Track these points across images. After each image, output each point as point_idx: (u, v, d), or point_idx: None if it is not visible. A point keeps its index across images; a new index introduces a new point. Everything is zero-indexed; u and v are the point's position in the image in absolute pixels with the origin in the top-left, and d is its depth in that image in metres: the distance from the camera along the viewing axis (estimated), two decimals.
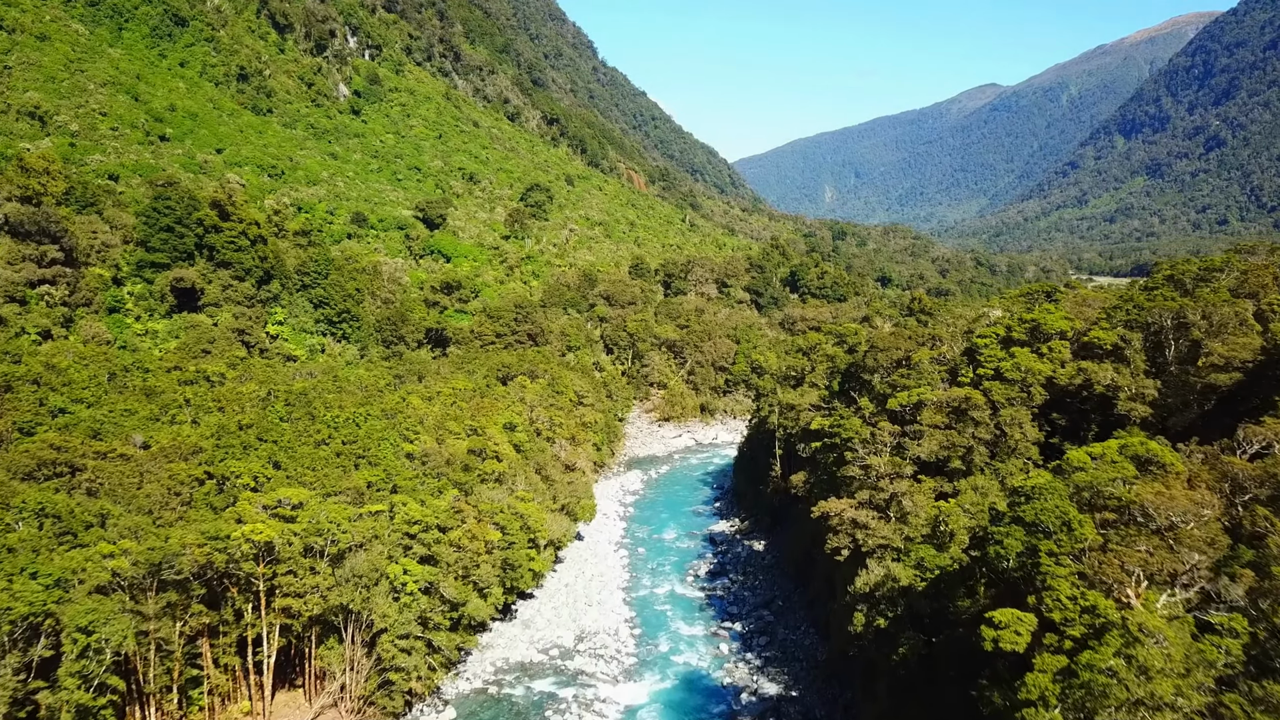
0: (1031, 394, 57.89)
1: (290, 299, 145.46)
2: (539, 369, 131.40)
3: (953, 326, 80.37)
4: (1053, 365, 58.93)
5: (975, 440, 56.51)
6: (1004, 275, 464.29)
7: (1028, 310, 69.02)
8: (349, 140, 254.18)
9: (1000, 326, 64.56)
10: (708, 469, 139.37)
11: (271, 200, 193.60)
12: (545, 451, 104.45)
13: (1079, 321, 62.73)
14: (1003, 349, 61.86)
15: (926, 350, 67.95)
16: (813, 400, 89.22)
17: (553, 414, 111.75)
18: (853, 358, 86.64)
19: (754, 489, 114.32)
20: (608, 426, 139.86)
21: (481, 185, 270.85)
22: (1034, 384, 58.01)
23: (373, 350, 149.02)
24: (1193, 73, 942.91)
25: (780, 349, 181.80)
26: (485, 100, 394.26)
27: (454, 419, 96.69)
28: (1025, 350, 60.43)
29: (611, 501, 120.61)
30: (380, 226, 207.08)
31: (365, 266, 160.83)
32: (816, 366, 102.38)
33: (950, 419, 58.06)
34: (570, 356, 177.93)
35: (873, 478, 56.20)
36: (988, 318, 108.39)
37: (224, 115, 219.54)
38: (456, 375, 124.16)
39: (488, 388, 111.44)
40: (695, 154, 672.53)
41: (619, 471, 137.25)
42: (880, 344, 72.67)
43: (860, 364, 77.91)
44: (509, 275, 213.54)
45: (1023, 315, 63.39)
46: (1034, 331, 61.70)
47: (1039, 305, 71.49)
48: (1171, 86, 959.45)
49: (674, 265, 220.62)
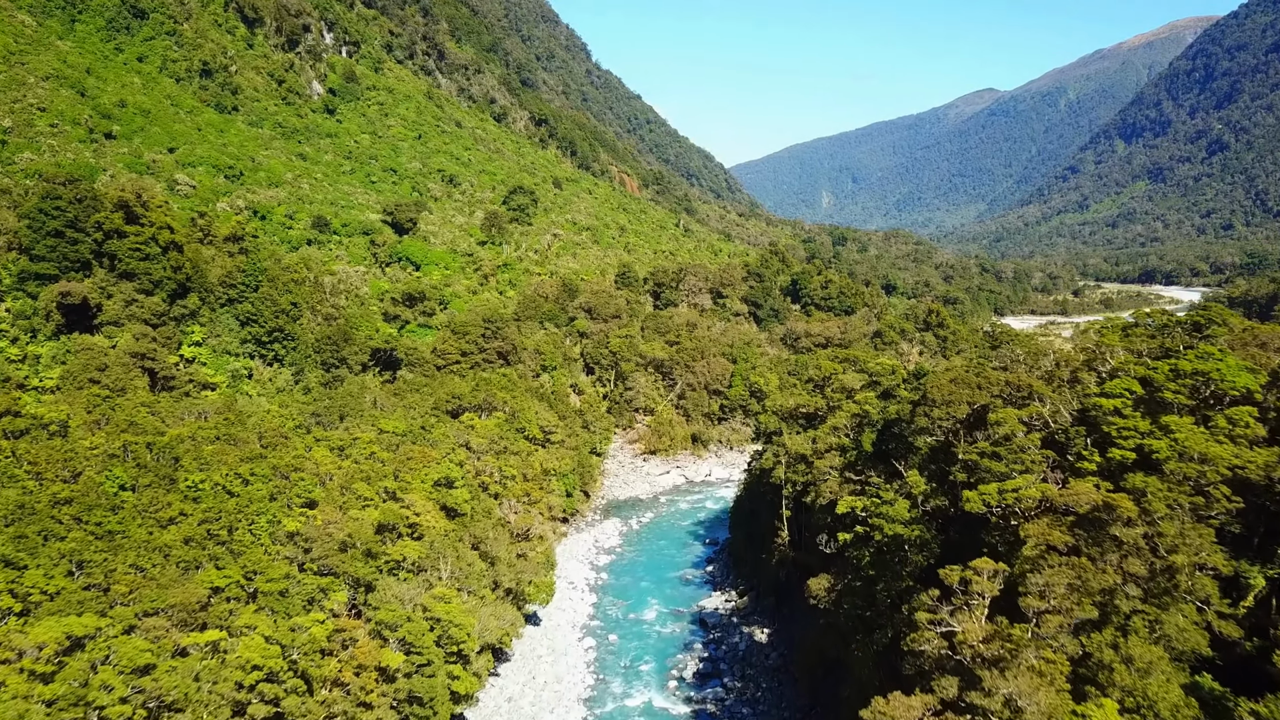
0: (1210, 498, 35.09)
1: (212, 316, 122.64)
2: (498, 399, 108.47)
3: (1033, 363, 57.26)
4: (1237, 449, 36.08)
5: (1123, 576, 33.75)
6: (1010, 282, 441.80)
7: (1162, 344, 45.90)
8: (320, 140, 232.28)
9: (1131, 379, 41.55)
10: (699, 516, 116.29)
11: (225, 203, 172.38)
12: (491, 515, 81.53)
13: (1263, 374, 39.87)
14: (1145, 417, 38.91)
15: (1013, 411, 44.99)
16: (833, 462, 66.14)
17: (505, 463, 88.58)
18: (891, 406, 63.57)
19: (754, 553, 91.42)
20: (581, 465, 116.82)
21: (462, 188, 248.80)
22: (1213, 481, 35.20)
23: (310, 375, 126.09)
24: (1193, 76, 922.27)
25: (782, 369, 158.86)
26: (470, 100, 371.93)
27: (369, 477, 73.85)
28: (1187, 421, 37.54)
29: (581, 565, 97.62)
30: (344, 231, 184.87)
31: (306, 277, 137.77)
32: (837, 407, 79.35)
33: (1077, 537, 35.29)
34: (545, 378, 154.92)
35: (965, 660, 33.39)
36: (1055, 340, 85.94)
37: (182, 113, 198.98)
38: (394, 411, 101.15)
39: (423, 431, 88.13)
40: (691, 158, 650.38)
41: (594, 520, 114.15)
42: (936, 393, 49.81)
43: (905, 421, 54.91)
44: (483, 284, 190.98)
45: (1179, 365, 39.99)
46: (1197, 389, 38.87)
47: (1172, 336, 48.41)
48: (1172, 90, 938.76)
49: (664, 274, 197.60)
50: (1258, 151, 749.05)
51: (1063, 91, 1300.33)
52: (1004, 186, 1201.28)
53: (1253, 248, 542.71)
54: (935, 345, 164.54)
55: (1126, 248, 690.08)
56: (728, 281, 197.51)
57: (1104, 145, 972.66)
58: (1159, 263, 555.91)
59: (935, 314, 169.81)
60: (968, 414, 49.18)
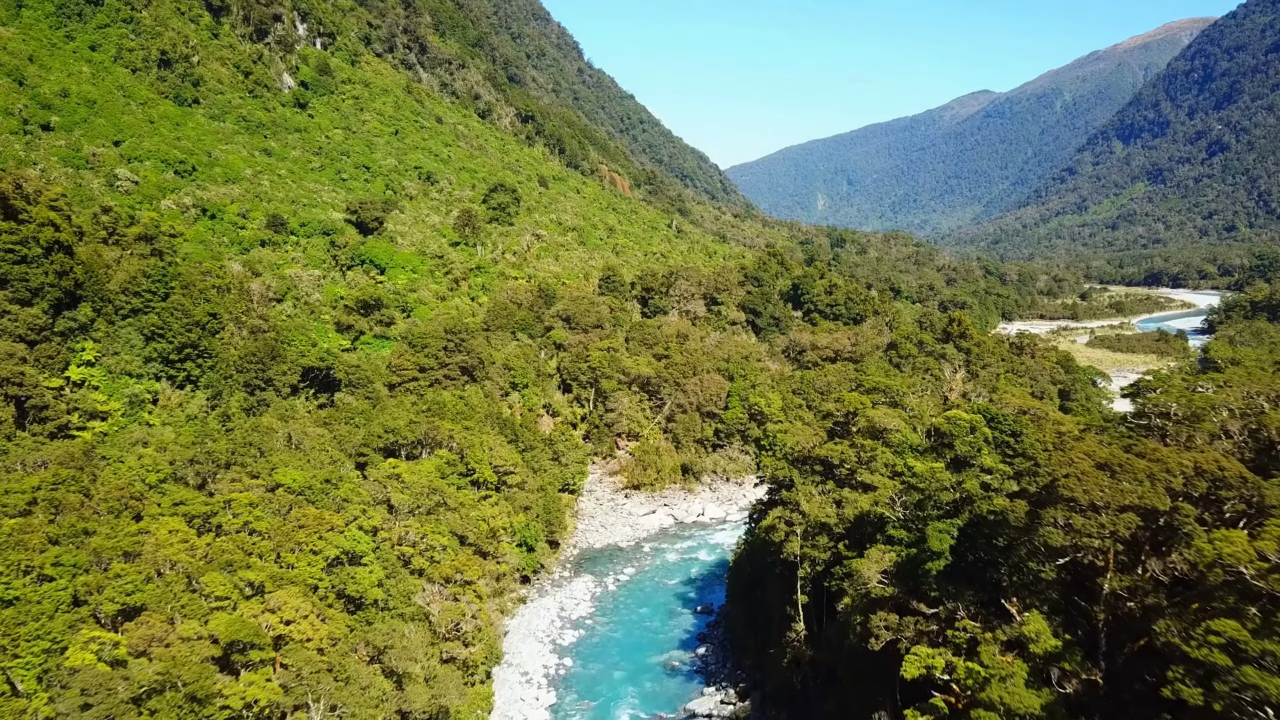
0: None
1: (109, 330, 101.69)
2: (441, 433, 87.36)
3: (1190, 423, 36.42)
4: None
5: None
6: (1015, 285, 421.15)
7: None
8: (289, 135, 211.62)
9: None
10: (689, 571, 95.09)
11: (170, 201, 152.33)
12: (411, 600, 60.61)
13: None
14: None
15: (1235, 536, 24.23)
16: (881, 561, 45.00)
17: (435, 528, 67.36)
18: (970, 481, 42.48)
19: (758, 639, 70.48)
20: (548, 510, 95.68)
21: (439, 186, 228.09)
22: None
23: (230, 399, 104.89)
24: (1192, 77, 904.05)
25: (786, 387, 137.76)
26: (453, 96, 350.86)
27: (233, 562, 52.96)
28: None
29: (540, 646, 76.56)
30: (302, 232, 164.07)
31: (230, 283, 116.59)
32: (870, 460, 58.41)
33: None
34: (514, 397, 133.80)
35: None
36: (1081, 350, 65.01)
37: (134, 104, 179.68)
38: (314, 450, 79.90)
39: (328, 485, 66.71)
40: (685, 159, 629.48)
41: (562, 579, 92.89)
42: (1076, 487, 29.09)
43: (1017, 528, 33.86)
44: (453, 290, 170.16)
45: None
46: None
47: None
48: (1170, 91, 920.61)
49: (653, 278, 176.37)
50: (1259, 152, 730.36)
51: (1058, 93, 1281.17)
52: (1000, 189, 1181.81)
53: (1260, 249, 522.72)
54: (958, 359, 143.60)
55: (1128, 249, 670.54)
56: (723, 286, 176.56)
57: (1102, 146, 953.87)
58: (1164, 265, 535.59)
59: (957, 323, 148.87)
60: (1133, 527, 28.26)
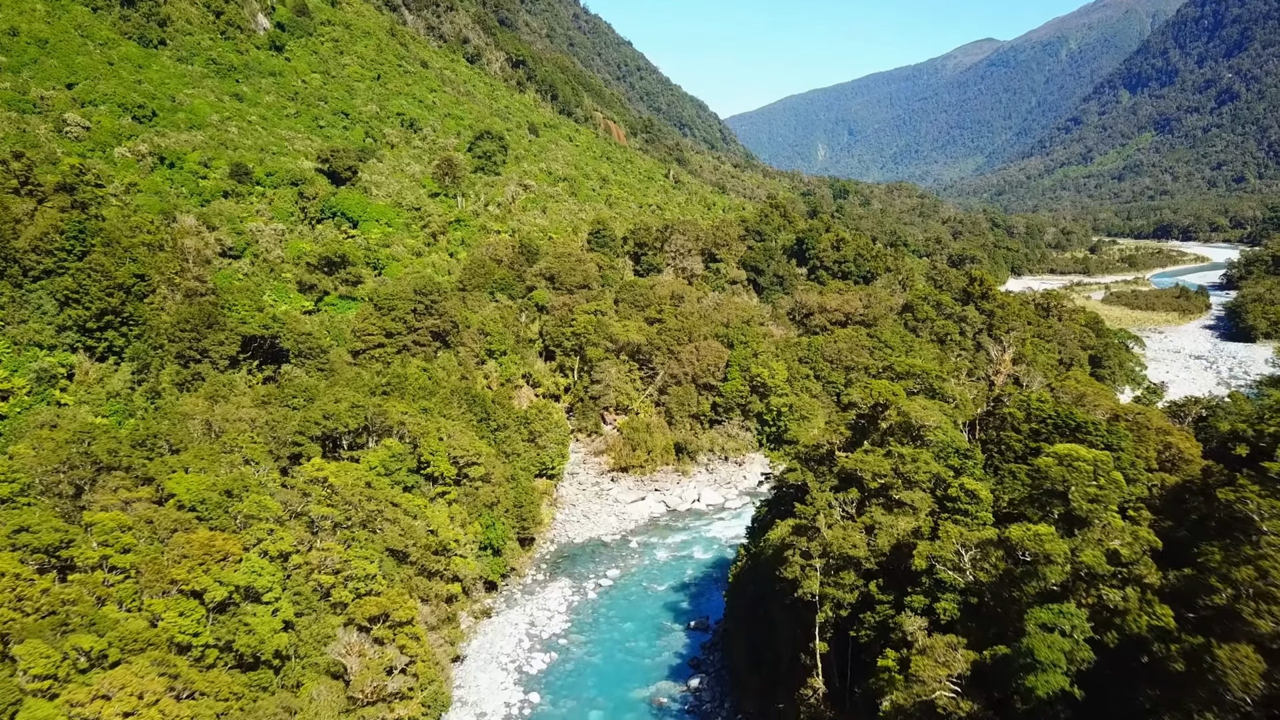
0: None
1: (16, 294, 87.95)
2: (391, 418, 73.63)
3: None
4: None
5: None
6: (1022, 238, 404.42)
7: None
8: (262, 80, 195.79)
9: None
10: (683, 573, 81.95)
11: (125, 148, 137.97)
12: (324, 652, 47.42)
13: None
14: None
15: None
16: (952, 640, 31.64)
17: (358, 555, 53.75)
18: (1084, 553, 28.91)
19: (762, 678, 57.55)
20: (520, 502, 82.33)
21: (423, 134, 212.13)
22: None
23: (160, 374, 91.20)
24: (1202, 24, 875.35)
25: (791, 354, 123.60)
26: (440, 40, 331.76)
27: (66, 620, 39.56)
28: None
29: (504, 675, 63.59)
30: (269, 182, 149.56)
31: (163, 239, 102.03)
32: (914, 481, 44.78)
33: None
34: (490, 365, 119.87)
35: None
36: None
37: (92, 45, 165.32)
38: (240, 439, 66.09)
39: (228, 498, 53.02)
40: (684, 107, 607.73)
41: (535, 583, 79.73)
42: None
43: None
44: (430, 245, 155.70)
45: None
46: None
47: None
48: (1179, 38, 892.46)
49: (647, 232, 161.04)
50: (1270, 101, 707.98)
51: (1064, 41, 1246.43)
52: (1003, 139, 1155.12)
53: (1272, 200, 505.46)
54: (980, 322, 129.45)
55: (1135, 201, 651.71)
56: (722, 241, 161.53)
57: (1108, 96, 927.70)
58: (1173, 217, 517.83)
59: (978, 282, 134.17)
60: None
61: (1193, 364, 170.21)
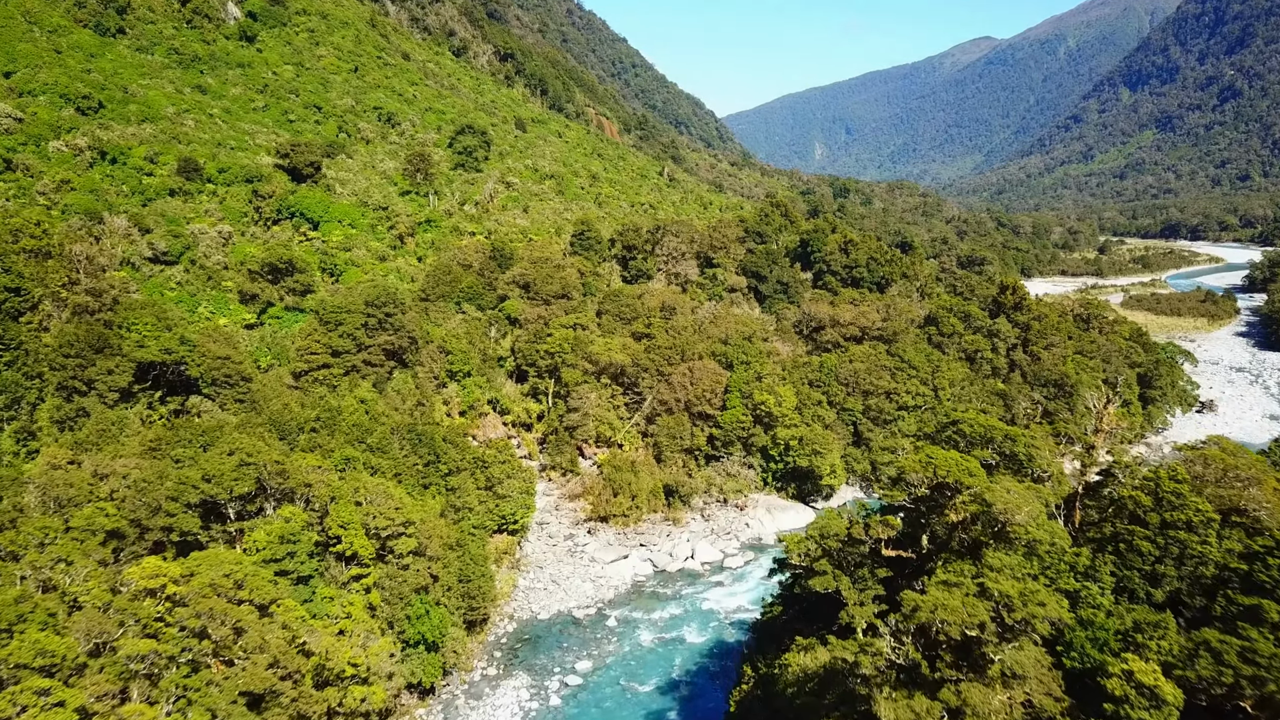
0: None
1: None
2: (294, 479, 56.55)
3: None
4: None
5: None
6: (1029, 237, 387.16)
7: None
8: (229, 71, 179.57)
9: None
10: (671, 662, 64.90)
11: (62, 142, 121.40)
12: None
13: None
14: None
15: None
16: None
17: (207, 696, 36.83)
18: None
19: None
20: (465, 577, 65.13)
21: (401, 129, 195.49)
22: None
23: (39, 409, 74.19)
24: (1203, 21, 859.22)
25: (799, 376, 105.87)
26: (425, 32, 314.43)
27: None
28: None
29: None
30: (221, 179, 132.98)
31: (45, 245, 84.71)
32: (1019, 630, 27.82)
33: None
34: (451, 390, 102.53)
35: None
36: None
37: (40, 32, 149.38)
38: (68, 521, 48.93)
39: (5, 633, 35.93)
40: (680, 105, 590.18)
41: (483, 681, 62.53)
42: None
43: None
44: (396, 248, 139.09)
45: None
46: None
47: None
48: (1180, 35, 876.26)
49: (636, 234, 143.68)
50: (1274, 98, 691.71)
51: (1062, 39, 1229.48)
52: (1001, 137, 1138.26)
53: None
54: (1014, 336, 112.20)
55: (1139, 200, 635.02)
56: (719, 243, 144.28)
57: (1108, 93, 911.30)
58: (1180, 215, 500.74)
59: (1011, 290, 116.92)
60: None
61: (1236, 378, 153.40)
